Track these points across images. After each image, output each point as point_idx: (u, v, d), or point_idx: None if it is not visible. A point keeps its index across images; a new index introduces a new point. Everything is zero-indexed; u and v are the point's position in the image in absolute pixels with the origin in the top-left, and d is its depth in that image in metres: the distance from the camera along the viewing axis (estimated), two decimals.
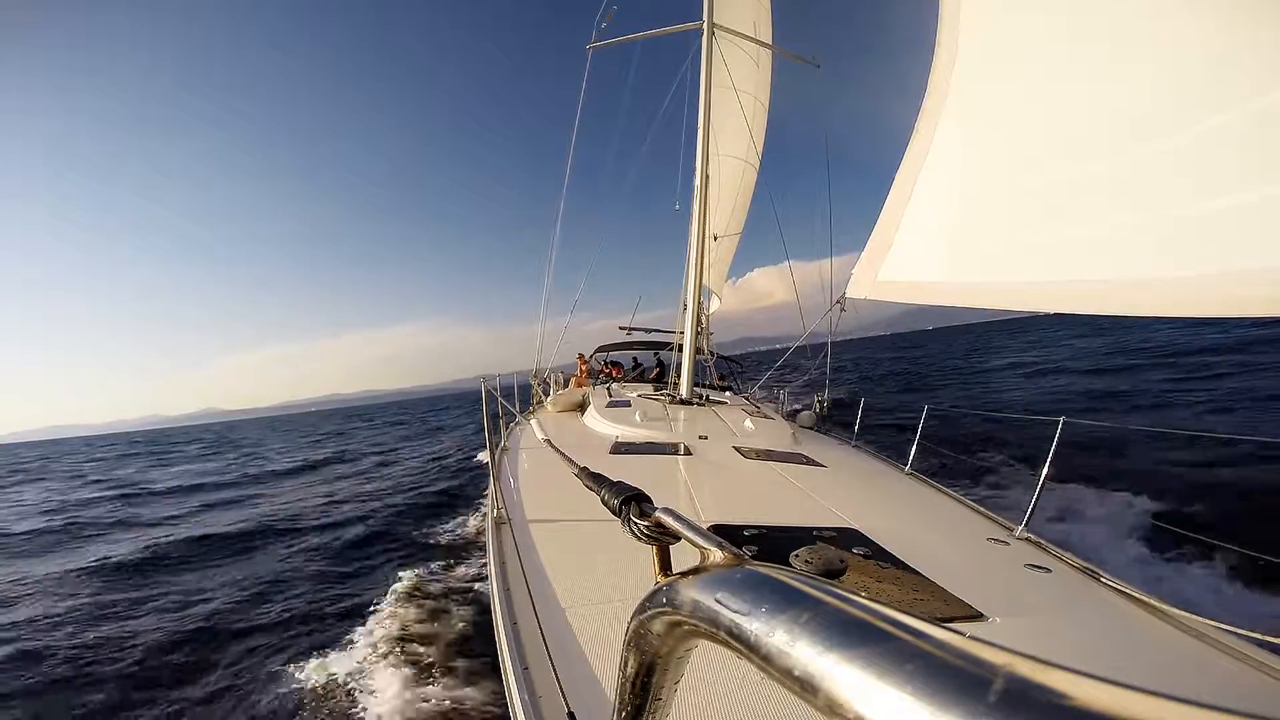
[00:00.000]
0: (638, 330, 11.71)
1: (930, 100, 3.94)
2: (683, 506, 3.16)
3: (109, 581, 7.38)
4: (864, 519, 3.03)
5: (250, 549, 8.49)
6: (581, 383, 9.40)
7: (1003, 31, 3.51)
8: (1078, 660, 0.37)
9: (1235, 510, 6.20)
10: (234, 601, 6.27)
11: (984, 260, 3.46)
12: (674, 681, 0.47)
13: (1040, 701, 0.19)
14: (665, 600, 0.41)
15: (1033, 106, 3.25)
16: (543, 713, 1.48)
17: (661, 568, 0.53)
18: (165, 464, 26.43)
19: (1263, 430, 8.81)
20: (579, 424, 6.30)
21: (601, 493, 0.70)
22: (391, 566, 6.75)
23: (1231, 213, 2.26)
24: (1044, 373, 21.11)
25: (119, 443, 69.35)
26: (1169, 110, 2.52)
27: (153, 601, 6.46)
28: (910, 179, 4.04)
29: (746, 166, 11.13)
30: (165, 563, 8.11)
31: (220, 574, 7.44)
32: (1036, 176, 3.15)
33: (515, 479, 3.93)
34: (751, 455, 4.50)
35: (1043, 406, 13.79)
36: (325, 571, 7.11)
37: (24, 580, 7.60)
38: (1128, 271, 2.64)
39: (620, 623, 1.72)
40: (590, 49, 9.54)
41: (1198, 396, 12.60)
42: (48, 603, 6.63)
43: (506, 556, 2.50)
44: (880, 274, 4.25)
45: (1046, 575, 2.70)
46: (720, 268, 11.96)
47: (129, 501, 14.53)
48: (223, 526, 10.00)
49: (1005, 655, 0.22)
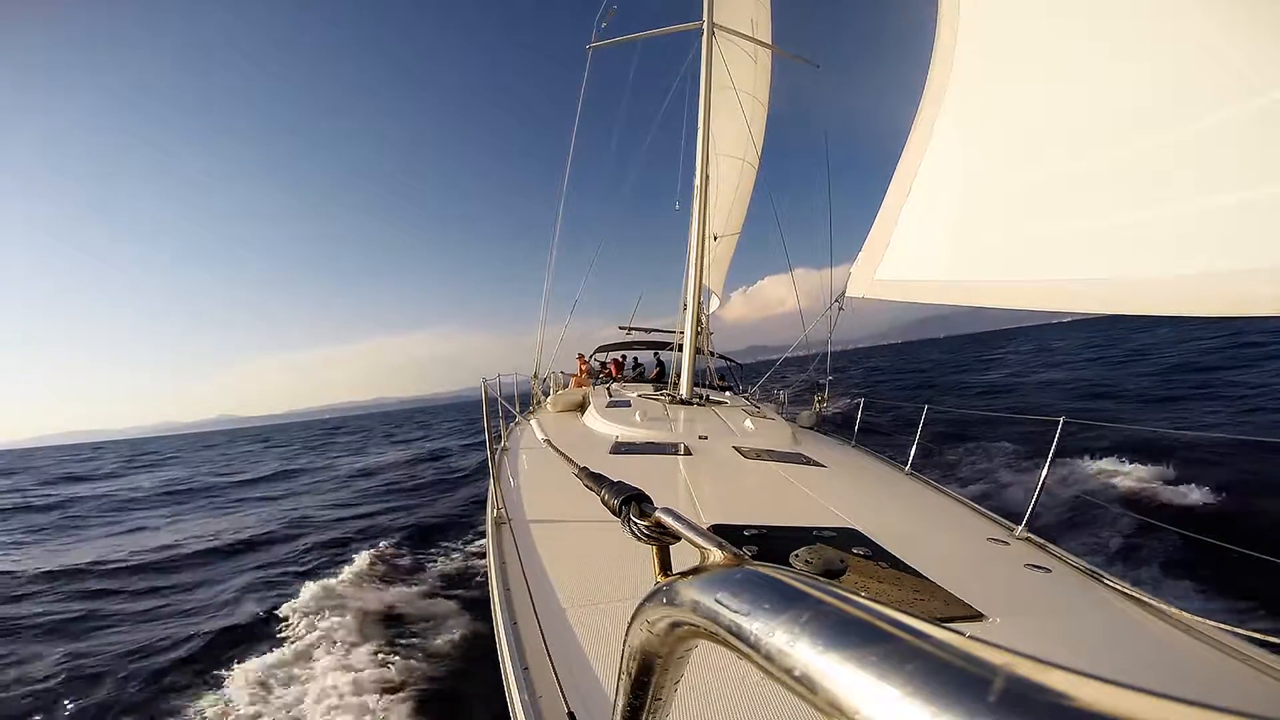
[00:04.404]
0: (637, 330, 11.70)
1: (928, 98, 3.94)
2: (683, 506, 3.16)
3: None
4: (864, 519, 3.02)
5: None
6: (581, 383, 9.40)
7: (1002, 29, 3.51)
8: (1078, 660, 0.37)
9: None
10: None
11: (984, 259, 3.45)
12: (674, 681, 0.47)
13: (1040, 701, 0.19)
14: (665, 600, 0.41)
15: (1032, 104, 3.25)
16: (543, 713, 1.48)
17: (661, 568, 0.53)
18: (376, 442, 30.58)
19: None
20: (579, 424, 6.30)
21: (601, 493, 0.70)
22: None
23: (1236, 210, 2.25)
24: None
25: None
26: (1170, 107, 2.51)
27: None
28: (908, 177, 4.04)
29: (746, 166, 11.13)
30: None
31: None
32: (1036, 174, 3.14)
33: (515, 479, 3.93)
34: (751, 455, 4.50)
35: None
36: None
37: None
38: (1129, 270, 2.63)
39: (620, 623, 1.72)
40: (590, 49, 9.54)
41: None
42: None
43: (506, 556, 2.50)
44: (879, 273, 4.25)
45: (1046, 575, 2.70)
46: (720, 267, 11.96)
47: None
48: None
49: (1005, 655, 0.22)
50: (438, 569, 6.94)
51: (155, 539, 10.29)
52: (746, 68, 9.72)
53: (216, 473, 22.46)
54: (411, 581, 6.45)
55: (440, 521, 9.43)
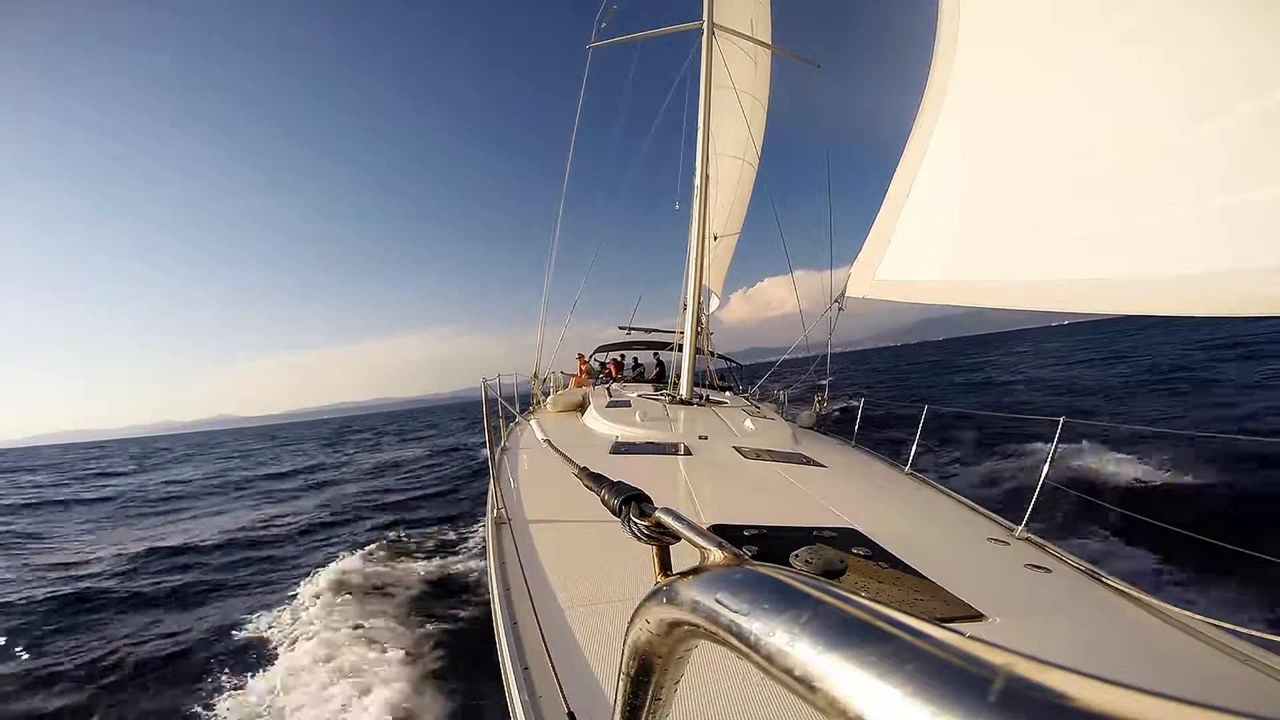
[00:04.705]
0: (637, 330, 11.70)
1: (929, 98, 3.93)
2: (683, 506, 3.16)
3: None
4: (864, 519, 3.02)
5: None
6: (581, 383, 9.40)
7: (1002, 30, 3.50)
8: (1078, 660, 0.37)
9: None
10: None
11: (984, 259, 3.45)
12: (674, 681, 0.47)
13: (1040, 701, 0.19)
14: (665, 600, 0.41)
15: (1032, 105, 3.24)
16: (543, 713, 1.48)
17: (661, 568, 0.53)
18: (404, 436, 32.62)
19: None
20: (579, 424, 6.30)
21: (601, 493, 0.70)
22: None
23: (1237, 211, 2.24)
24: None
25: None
26: (1173, 108, 2.50)
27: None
28: (909, 177, 4.03)
29: (745, 166, 11.13)
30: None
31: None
32: (1037, 175, 3.14)
33: (515, 479, 3.93)
34: (751, 455, 4.50)
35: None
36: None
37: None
38: (1130, 270, 2.62)
39: (620, 623, 1.72)
40: (590, 49, 9.54)
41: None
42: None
43: (506, 556, 2.50)
44: (879, 273, 4.24)
45: (1046, 575, 2.70)
46: (720, 267, 11.96)
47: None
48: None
49: (1005, 655, 0.22)
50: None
51: (237, 520, 11.26)
52: (746, 68, 9.73)
53: (244, 468, 23.35)
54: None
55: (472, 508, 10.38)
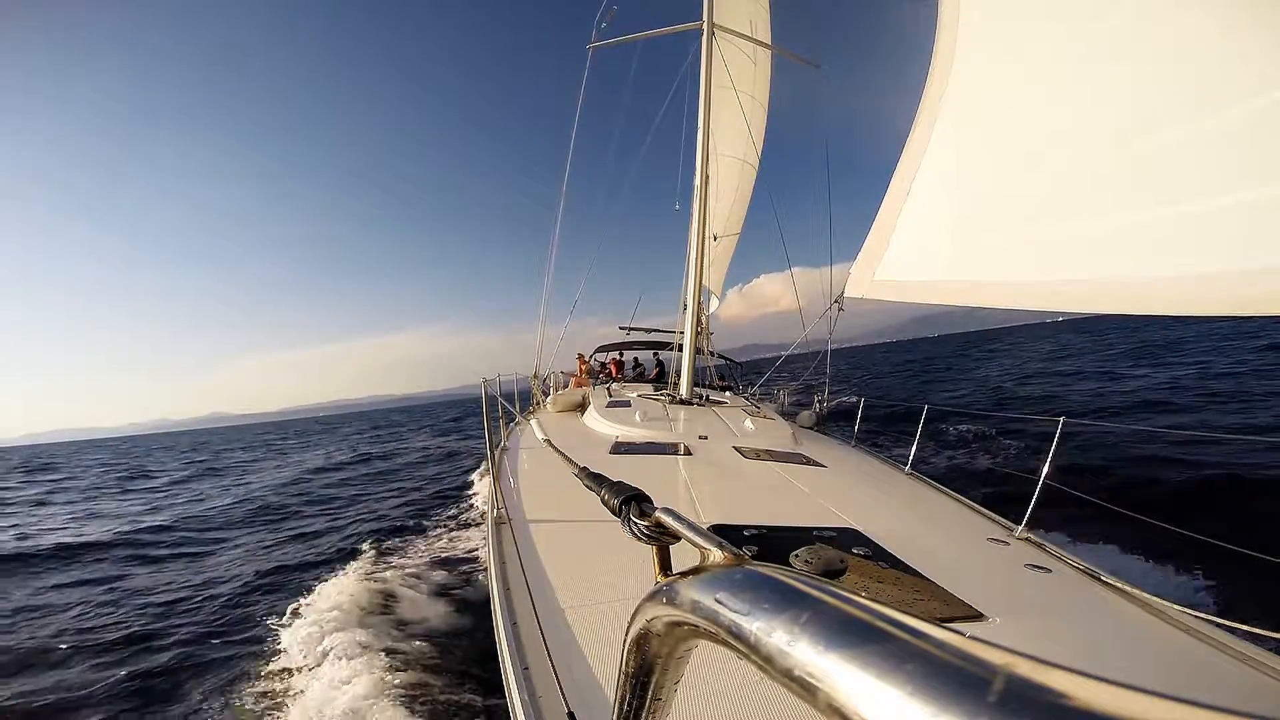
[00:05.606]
0: (637, 330, 11.70)
1: (929, 98, 3.93)
2: (683, 506, 3.16)
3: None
4: (864, 519, 3.02)
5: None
6: (581, 383, 9.40)
7: (1002, 30, 3.50)
8: (1078, 660, 0.37)
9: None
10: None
11: (983, 258, 3.45)
12: (674, 681, 0.47)
13: (1040, 701, 0.19)
14: (665, 600, 0.41)
15: (1032, 104, 3.24)
16: (543, 713, 1.48)
17: (661, 568, 0.53)
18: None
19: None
20: (579, 424, 6.29)
21: (601, 493, 0.70)
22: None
23: (1237, 211, 2.24)
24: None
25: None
26: (1170, 108, 2.50)
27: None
28: (908, 176, 4.03)
29: (745, 166, 11.13)
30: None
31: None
32: (1036, 174, 3.14)
33: (515, 479, 3.93)
34: (751, 455, 4.50)
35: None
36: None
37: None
38: (1129, 270, 2.62)
39: (620, 623, 1.72)
40: (590, 49, 9.54)
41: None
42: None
43: (506, 556, 2.50)
44: (878, 273, 4.24)
45: (1046, 575, 2.70)
46: (720, 267, 11.96)
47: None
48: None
49: (1005, 655, 0.22)
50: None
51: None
52: (746, 68, 9.72)
53: (292, 462, 23.56)
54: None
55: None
